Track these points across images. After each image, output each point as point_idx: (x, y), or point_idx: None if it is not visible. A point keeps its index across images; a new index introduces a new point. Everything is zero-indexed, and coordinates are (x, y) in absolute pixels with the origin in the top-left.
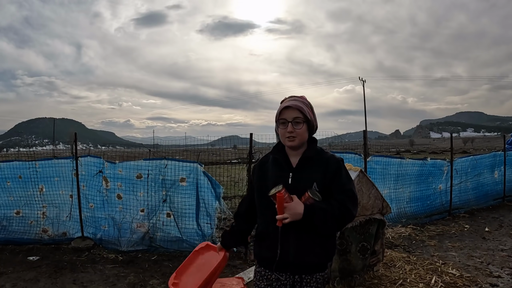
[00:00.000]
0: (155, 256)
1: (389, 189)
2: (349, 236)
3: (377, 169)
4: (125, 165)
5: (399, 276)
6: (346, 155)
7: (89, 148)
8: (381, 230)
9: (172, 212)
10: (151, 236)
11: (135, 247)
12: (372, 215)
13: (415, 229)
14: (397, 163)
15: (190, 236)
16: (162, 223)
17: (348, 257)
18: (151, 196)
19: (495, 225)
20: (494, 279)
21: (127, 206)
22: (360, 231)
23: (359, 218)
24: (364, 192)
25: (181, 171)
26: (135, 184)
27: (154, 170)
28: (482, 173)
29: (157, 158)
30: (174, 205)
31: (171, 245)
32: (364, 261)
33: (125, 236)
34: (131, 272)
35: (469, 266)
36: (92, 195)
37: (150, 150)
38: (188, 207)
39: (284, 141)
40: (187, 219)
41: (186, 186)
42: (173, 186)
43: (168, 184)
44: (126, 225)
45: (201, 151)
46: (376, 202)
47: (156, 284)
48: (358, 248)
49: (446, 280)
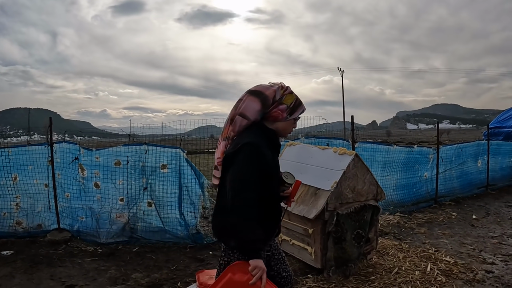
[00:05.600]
0: (136, 247)
1: (377, 176)
2: (344, 223)
3: (365, 156)
4: (103, 152)
5: (393, 264)
6: (334, 141)
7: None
8: (375, 217)
9: (153, 201)
10: (132, 226)
11: (115, 238)
12: (367, 201)
13: (403, 217)
14: (384, 150)
15: (172, 226)
16: (143, 212)
17: (343, 245)
18: (130, 184)
19: (482, 213)
20: (488, 265)
21: (106, 195)
22: (355, 218)
23: (354, 204)
24: (359, 177)
25: (162, 157)
26: (113, 171)
27: (134, 157)
28: (466, 161)
29: (136, 143)
30: (155, 194)
31: (153, 236)
32: (359, 249)
33: (104, 227)
34: (112, 266)
35: (462, 253)
36: (68, 184)
37: (129, 135)
38: (170, 196)
39: (285, 133)
40: (170, 208)
41: (167, 173)
42: (154, 173)
43: (149, 171)
44: (105, 215)
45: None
46: (370, 188)
47: (140, 278)
48: (353, 235)
49: (441, 268)
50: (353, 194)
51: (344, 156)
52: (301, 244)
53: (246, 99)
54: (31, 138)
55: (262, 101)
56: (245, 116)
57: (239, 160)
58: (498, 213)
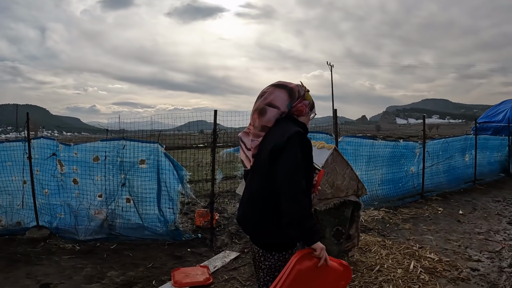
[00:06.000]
0: (114, 245)
1: (361, 171)
2: (323, 220)
3: (349, 150)
4: (81, 147)
5: (375, 262)
6: (317, 135)
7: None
8: (356, 213)
9: (131, 197)
10: (110, 223)
11: (93, 235)
12: (347, 197)
13: (388, 212)
14: (369, 144)
15: (151, 222)
16: (122, 209)
17: (322, 242)
18: (109, 180)
19: (468, 208)
20: (474, 263)
21: (84, 191)
22: (335, 214)
23: (334, 200)
24: (338, 172)
25: (141, 153)
26: (92, 167)
27: (112, 152)
28: (454, 156)
29: (114, 138)
30: (133, 190)
31: (132, 232)
32: (339, 246)
33: (82, 224)
34: (88, 263)
35: (447, 250)
36: (47, 181)
37: (107, 130)
38: (149, 192)
39: (308, 125)
40: (148, 204)
41: (146, 169)
42: (132, 168)
43: (127, 166)
44: (84, 212)
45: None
46: (351, 183)
47: (115, 276)
48: (332, 232)
49: (425, 265)
50: (332, 190)
51: (322, 150)
52: None
53: (272, 91)
54: (20, 134)
55: (289, 92)
56: (276, 106)
57: (292, 149)
58: (485, 208)
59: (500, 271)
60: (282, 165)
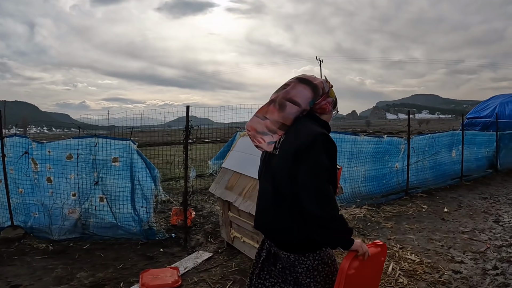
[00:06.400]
0: (87, 244)
1: (343, 168)
2: None
3: None
4: (54, 145)
5: None
6: None
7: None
8: None
9: (105, 195)
10: (83, 222)
11: (67, 235)
12: None
13: (371, 210)
14: (351, 140)
15: (125, 221)
16: (95, 208)
17: None
18: (82, 178)
19: (454, 206)
20: (456, 265)
21: (58, 190)
22: None
23: None
24: None
25: (113, 150)
26: (65, 165)
27: (84, 150)
28: (440, 152)
29: (87, 136)
30: (106, 188)
31: (105, 232)
32: None
33: (56, 224)
34: (60, 264)
35: (429, 251)
36: (21, 179)
37: (79, 128)
38: (122, 190)
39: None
40: (122, 203)
41: (119, 167)
42: (105, 166)
43: (100, 164)
44: (57, 211)
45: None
46: None
47: (84, 277)
48: None
49: (404, 267)
50: None
51: None
52: (251, 241)
53: (295, 86)
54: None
55: (313, 89)
56: (296, 103)
57: (318, 151)
58: (471, 205)
59: (484, 274)
60: (307, 167)
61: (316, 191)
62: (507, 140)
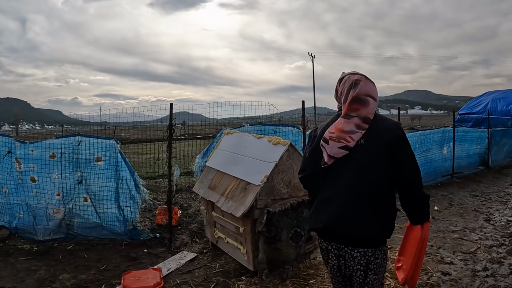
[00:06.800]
0: (71, 245)
1: None
2: (278, 222)
3: None
4: (37, 145)
5: None
6: (283, 128)
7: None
8: None
9: (89, 195)
10: (68, 223)
11: (51, 235)
12: (306, 196)
13: None
14: None
15: (110, 221)
16: (79, 208)
17: (278, 245)
18: (66, 178)
19: (444, 204)
20: (446, 266)
21: (42, 190)
22: (292, 215)
23: (290, 200)
24: (295, 169)
25: (97, 149)
26: (49, 165)
27: (68, 149)
28: (431, 149)
29: (70, 135)
30: (90, 188)
31: (90, 232)
32: (297, 249)
33: (41, 224)
34: (43, 265)
35: None
36: (5, 179)
37: (62, 126)
38: (107, 190)
39: None
40: (106, 203)
41: (103, 166)
42: (89, 166)
43: (83, 164)
44: (42, 211)
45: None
46: None
47: (66, 279)
48: (290, 235)
49: (392, 269)
50: (289, 189)
51: (277, 147)
52: (235, 242)
53: (366, 82)
54: (1, 128)
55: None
56: (374, 98)
57: (407, 141)
58: (462, 203)
59: (474, 275)
60: (407, 156)
61: (419, 174)
62: (498, 137)
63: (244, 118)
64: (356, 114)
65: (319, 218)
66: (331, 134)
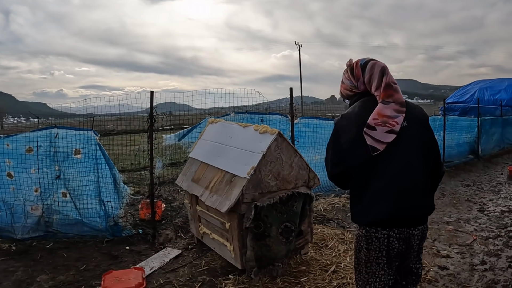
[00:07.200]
0: (51, 243)
1: (321, 155)
2: (267, 216)
3: (307, 133)
4: (13, 139)
5: (331, 260)
6: (270, 116)
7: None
8: (307, 207)
9: (68, 190)
10: (47, 220)
11: (30, 234)
12: (296, 188)
13: None
14: (329, 126)
15: (90, 218)
16: (58, 204)
17: (267, 241)
18: (44, 172)
19: (437, 194)
20: (442, 259)
21: (20, 186)
22: (282, 209)
23: (279, 193)
24: (284, 160)
25: (74, 141)
26: (25, 159)
27: (44, 142)
28: None
29: (47, 127)
30: (69, 182)
31: (70, 229)
32: (288, 245)
33: (19, 222)
34: (21, 266)
35: None
36: None
37: (38, 118)
38: (86, 184)
39: None
40: (86, 198)
41: (82, 159)
42: (67, 159)
43: (61, 157)
44: (20, 208)
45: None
46: (300, 173)
47: (44, 281)
48: (280, 230)
49: None
50: (278, 181)
51: (265, 136)
52: (221, 239)
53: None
54: None
55: None
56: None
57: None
58: (454, 193)
59: (472, 270)
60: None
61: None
62: (488, 126)
63: (230, 108)
64: (392, 100)
65: (381, 207)
66: (376, 120)
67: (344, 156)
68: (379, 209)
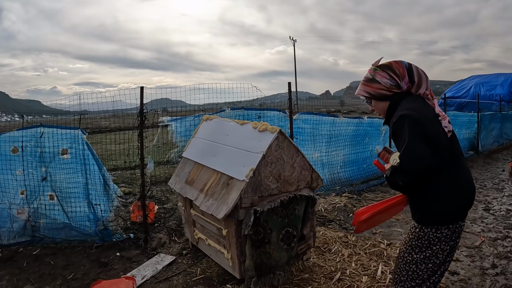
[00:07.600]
0: (38, 249)
1: (321, 152)
2: (267, 222)
3: (306, 129)
4: None
5: (336, 266)
6: (268, 112)
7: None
8: (310, 210)
9: (55, 193)
10: (33, 224)
11: (16, 239)
12: (298, 191)
13: (351, 198)
14: (329, 122)
15: (79, 221)
16: (45, 207)
17: (267, 248)
18: (29, 174)
19: None
20: (452, 263)
21: (5, 188)
22: (283, 213)
23: (281, 196)
24: (285, 161)
25: (61, 141)
26: (11, 160)
27: (30, 142)
28: None
29: (32, 126)
30: (56, 184)
31: (57, 234)
32: (289, 252)
33: (5, 227)
34: (6, 275)
35: None
36: None
37: (23, 116)
38: (74, 186)
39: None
40: (74, 201)
41: (69, 160)
42: (54, 160)
43: (47, 158)
44: (5, 212)
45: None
46: (302, 174)
47: None
48: (280, 236)
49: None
50: (279, 184)
51: (264, 134)
52: (217, 246)
53: None
54: None
55: None
56: None
57: None
58: None
59: (483, 274)
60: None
61: None
62: (487, 121)
63: (225, 104)
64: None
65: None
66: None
67: (436, 145)
68: (459, 202)
